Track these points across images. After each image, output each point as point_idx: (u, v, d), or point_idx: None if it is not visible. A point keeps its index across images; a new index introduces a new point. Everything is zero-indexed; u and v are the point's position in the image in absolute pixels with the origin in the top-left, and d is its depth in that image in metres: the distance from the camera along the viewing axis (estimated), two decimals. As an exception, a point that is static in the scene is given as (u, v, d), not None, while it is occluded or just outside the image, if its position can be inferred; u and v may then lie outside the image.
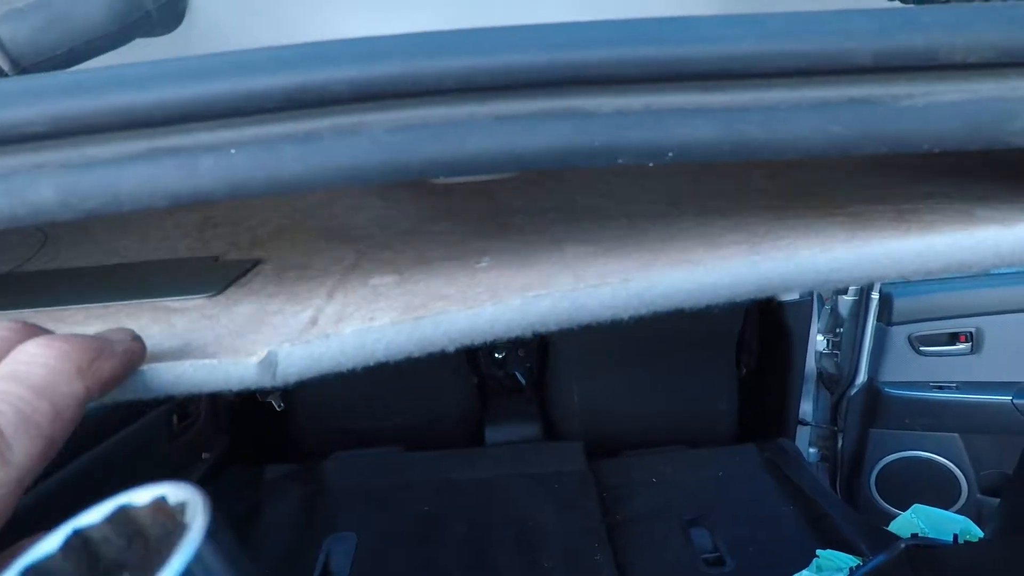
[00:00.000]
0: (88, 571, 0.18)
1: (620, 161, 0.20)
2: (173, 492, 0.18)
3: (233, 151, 0.20)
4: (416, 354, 0.22)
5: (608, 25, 0.20)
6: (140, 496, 0.18)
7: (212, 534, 0.16)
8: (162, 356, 0.23)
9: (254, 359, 0.22)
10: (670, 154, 0.20)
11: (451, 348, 0.22)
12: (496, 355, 2.50)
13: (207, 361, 0.23)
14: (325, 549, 1.25)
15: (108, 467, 1.19)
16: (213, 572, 0.16)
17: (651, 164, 0.20)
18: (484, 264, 0.28)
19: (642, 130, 0.20)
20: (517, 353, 2.64)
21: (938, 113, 0.21)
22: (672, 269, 0.23)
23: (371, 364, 0.21)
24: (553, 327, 0.22)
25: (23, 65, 0.28)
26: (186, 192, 0.20)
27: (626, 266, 0.25)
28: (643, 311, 0.23)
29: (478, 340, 0.21)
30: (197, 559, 0.15)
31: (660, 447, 1.63)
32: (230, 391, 0.23)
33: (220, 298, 0.30)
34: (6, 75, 0.29)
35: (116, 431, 1.24)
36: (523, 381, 2.44)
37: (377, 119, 0.20)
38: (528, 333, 0.22)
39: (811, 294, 1.62)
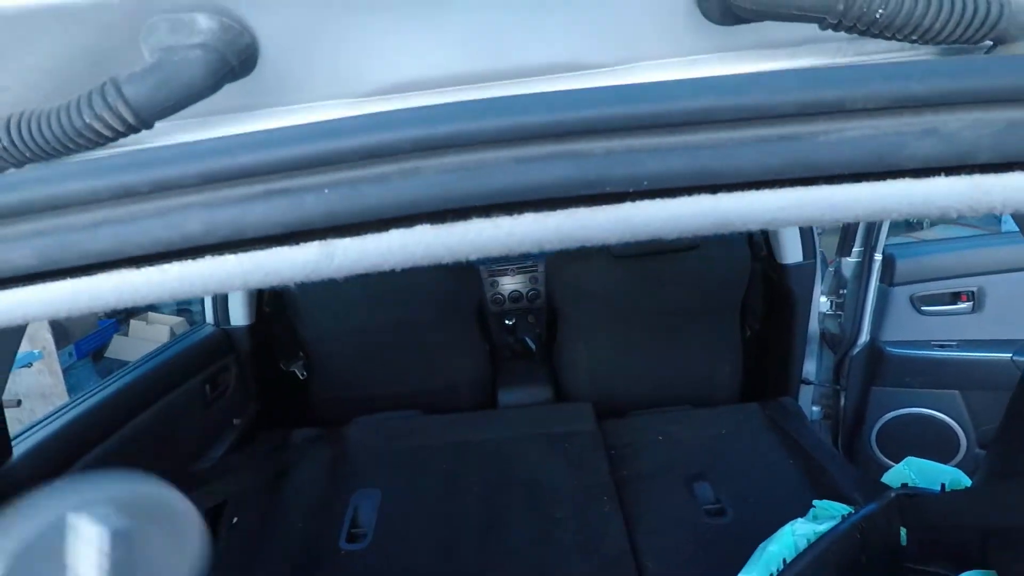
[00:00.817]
0: None
1: (608, 189, 0.26)
2: None
3: (327, 191, 0.27)
4: (446, 258, 0.27)
5: (599, 91, 0.26)
6: None
7: None
8: None
9: (314, 246, 0.27)
10: (645, 183, 0.26)
11: (474, 256, 0.27)
12: (507, 321, 2.56)
13: (274, 250, 0.29)
14: (352, 504, 1.34)
15: (150, 433, 1.28)
16: None
17: (631, 191, 0.26)
18: None
19: (624, 165, 0.26)
20: (527, 320, 2.71)
21: (848, 145, 0.26)
22: (653, 204, 0.28)
23: (408, 263, 0.27)
24: (559, 243, 0.27)
25: (143, 117, 0.35)
26: (293, 221, 0.27)
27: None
28: (630, 236, 0.28)
29: (497, 250, 0.27)
30: None
31: (666, 407, 1.69)
32: (292, 279, 0.28)
33: None
34: (135, 128, 0.35)
35: (156, 401, 1.33)
36: (533, 347, 2.51)
37: (430, 164, 0.27)
38: (537, 249, 0.27)
39: (814, 257, 1.66)
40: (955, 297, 1.57)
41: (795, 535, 1.02)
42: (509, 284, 2.71)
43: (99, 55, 0.37)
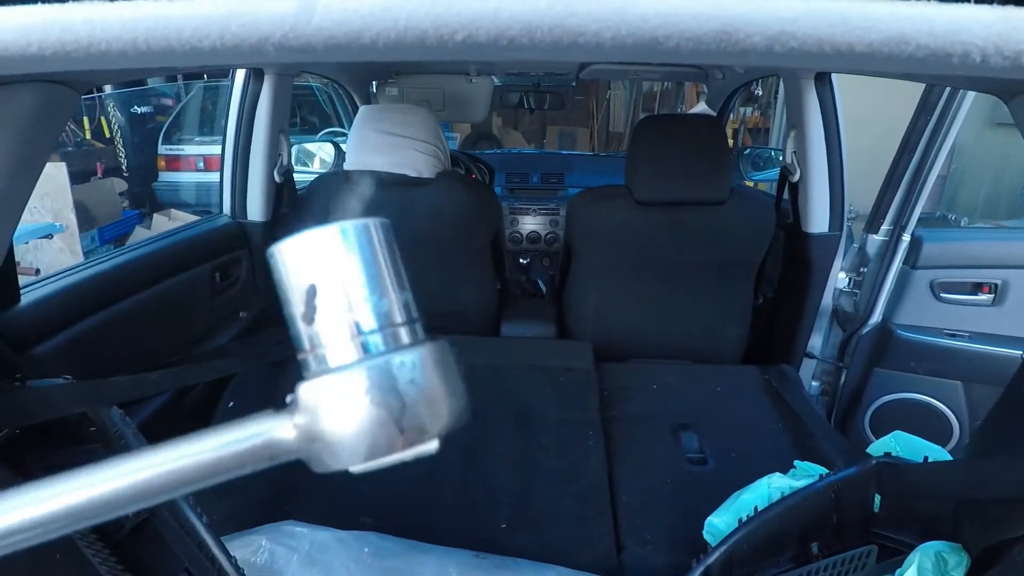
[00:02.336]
0: None
1: None
2: None
3: None
4: (430, 35, 0.25)
5: None
6: None
7: None
8: None
9: None
10: None
11: (459, 37, 0.25)
12: (521, 260, 2.56)
13: None
14: None
15: (157, 307, 1.31)
16: None
17: None
18: None
19: None
20: (542, 262, 2.70)
21: None
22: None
23: (391, 36, 0.25)
24: (547, 33, 0.25)
25: None
26: None
27: None
28: (624, 32, 0.26)
29: (483, 31, 0.25)
30: None
31: (666, 359, 1.70)
32: (268, 39, 0.26)
33: None
34: None
35: (165, 278, 1.35)
36: (543, 288, 2.51)
37: None
38: (526, 39, 0.25)
39: (840, 229, 1.62)
40: (976, 287, 1.53)
41: (770, 487, 1.04)
42: (529, 224, 2.70)
43: None
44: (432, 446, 0.22)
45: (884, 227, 1.55)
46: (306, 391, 0.21)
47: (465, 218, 1.73)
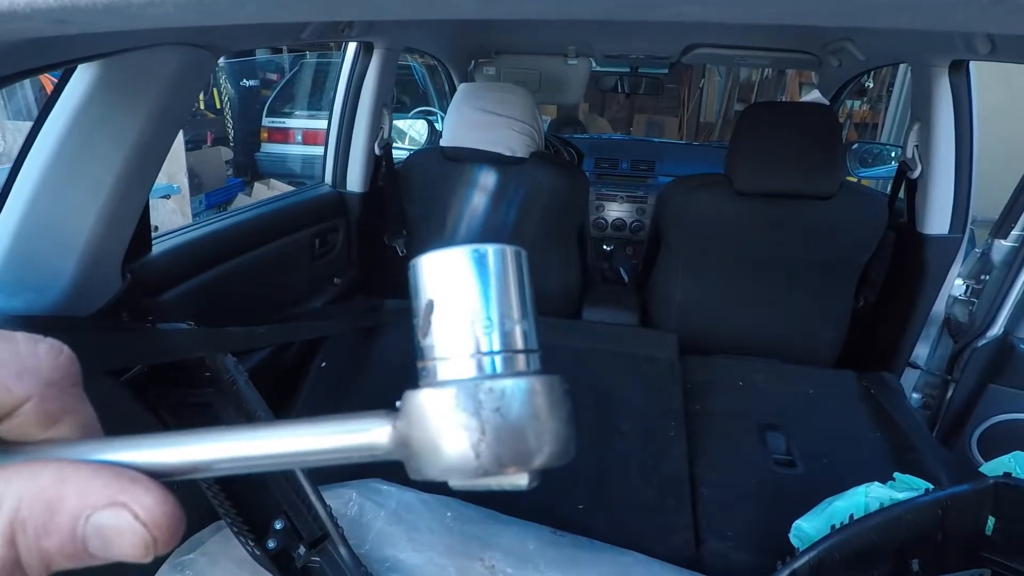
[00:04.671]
0: None
1: None
2: None
3: None
4: None
5: None
6: None
7: None
8: None
9: None
10: None
11: None
12: (605, 247, 2.53)
13: None
14: None
15: (264, 265, 1.39)
16: None
17: None
18: None
19: None
20: (625, 250, 2.66)
21: None
22: None
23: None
24: None
25: None
26: None
27: None
28: None
29: None
30: None
31: (754, 357, 1.63)
32: None
33: None
34: None
35: (271, 241, 1.43)
36: (625, 278, 2.47)
37: None
38: None
39: (962, 232, 1.50)
40: (1122, 305, 1.38)
41: (868, 496, 0.98)
42: (615, 211, 2.66)
43: None
44: (520, 481, 0.22)
45: (1015, 232, 1.42)
46: (409, 399, 0.22)
47: (556, 200, 1.73)
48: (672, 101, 7.77)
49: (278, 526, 0.82)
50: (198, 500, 0.81)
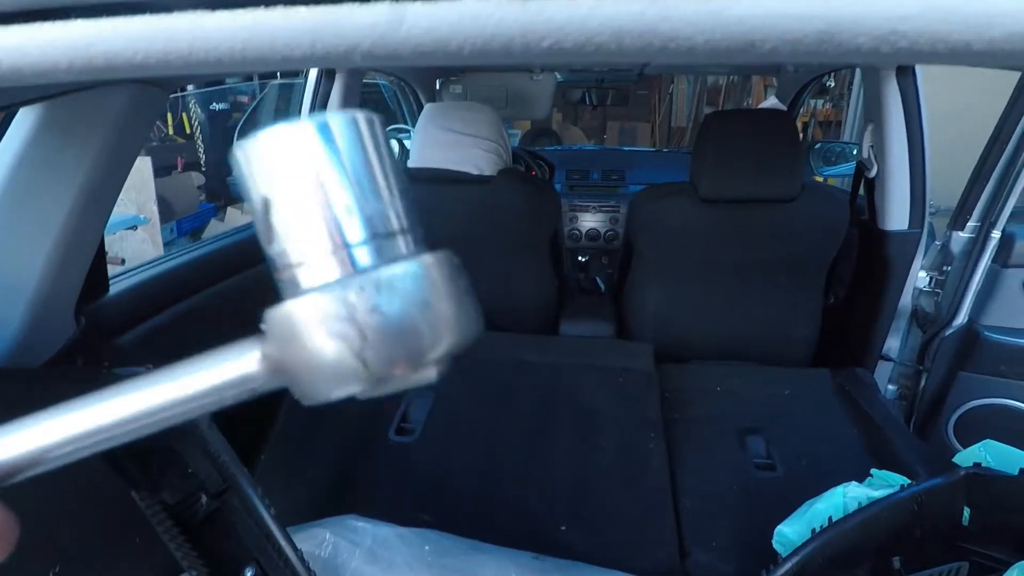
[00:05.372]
0: None
1: None
2: None
3: None
4: (516, 42, 0.25)
5: None
6: None
7: None
8: None
9: (384, 6, 0.25)
10: None
11: (546, 44, 0.24)
12: (580, 258, 2.54)
13: (344, 6, 0.25)
14: (405, 401, 1.40)
15: (227, 301, 1.37)
16: None
17: None
18: None
19: None
20: (601, 260, 2.67)
21: None
22: None
23: (477, 43, 0.25)
24: (637, 38, 0.23)
25: None
26: None
27: None
28: (719, 35, 0.23)
29: (571, 37, 0.24)
30: None
31: (730, 361, 1.64)
32: (356, 48, 0.25)
33: None
34: None
35: (235, 273, 1.41)
36: (602, 287, 2.48)
37: None
38: (615, 44, 0.24)
39: (921, 226, 1.53)
40: (1080, 288, 1.41)
41: (846, 496, 0.99)
42: (589, 221, 2.67)
43: None
44: (426, 375, 0.19)
45: (971, 223, 1.45)
46: (271, 318, 0.18)
47: (525, 215, 1.73)
48: (644, 107, 7.86)
49: (249, 574, 0.80)
50: (160, 551, 0.79)
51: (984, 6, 0.23)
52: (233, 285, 1.37)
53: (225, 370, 0.20)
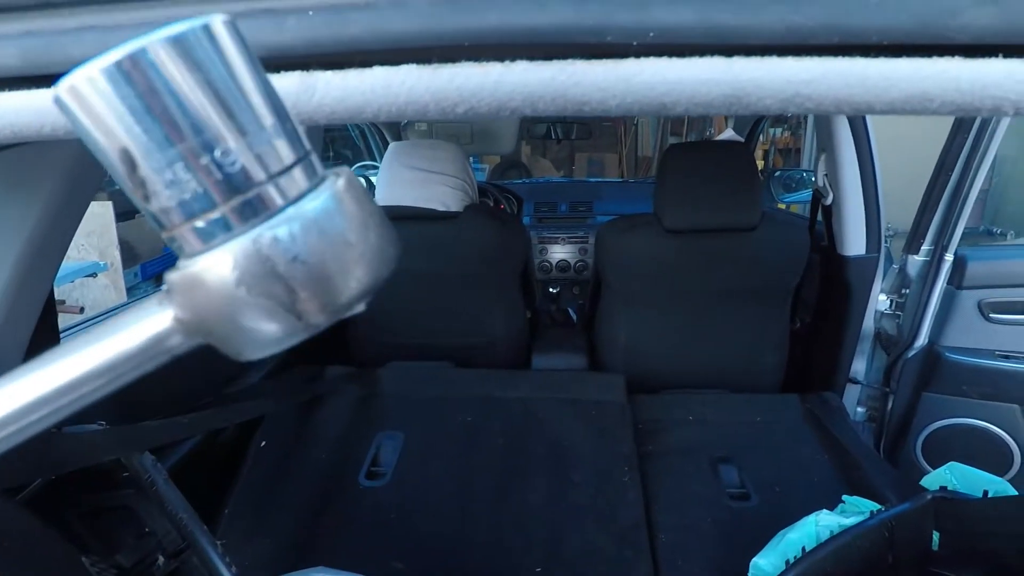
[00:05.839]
0: None
1: (608, 39, 0.24)
2: None
3: (311, 13, 0.24)
4: (431, 108, 0.25)
5: None
6: None
7: None
8: None
9: (295, 76, 0.24)
10: (651, 34, 0.23)
11: (460, 109, 0.24)
12: (551, 289, 2.55)
13: None
14: (375, 443, 1.37)
15: (184, 353, 1.33)
16: None
17: (634, 43, 0.24)
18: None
19: (630, 11, 0.23)
20: (572, 291, 2.69)
21: (889, 7, 0.23)
22: (658, 62, 0.25)
23: (392, 110, 0.25)
24: (550, 103, 0.24)
25: None
26: (275, 44, 0.25)
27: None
28: (631, 100, 0.25)
29: (484, 103, 0.24)
30: None
31: (701, 389, 1.65)
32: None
33: None
34: None
35: None
36: (574, 317, 2.48)
37: None
38: (529, 107, 0.24)
39: (878, 251, 1.57)
40: (1030, 307, 1.46)
41: (818, 525, 0.98)
42: (558, 253, 2.69)
43: None
44: (357, 309, 0.18)
45: (924, 247, 1.50)
46: (176, 282, 0.16)
47: (492, 250, 1.73)
48: (611, 138, 8.02)
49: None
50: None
51: (882, 70, 0.23)
52: None
53: (136, 333, 0.17)
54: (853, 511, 1.04)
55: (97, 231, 3.31)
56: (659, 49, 0.24)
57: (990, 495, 0.91)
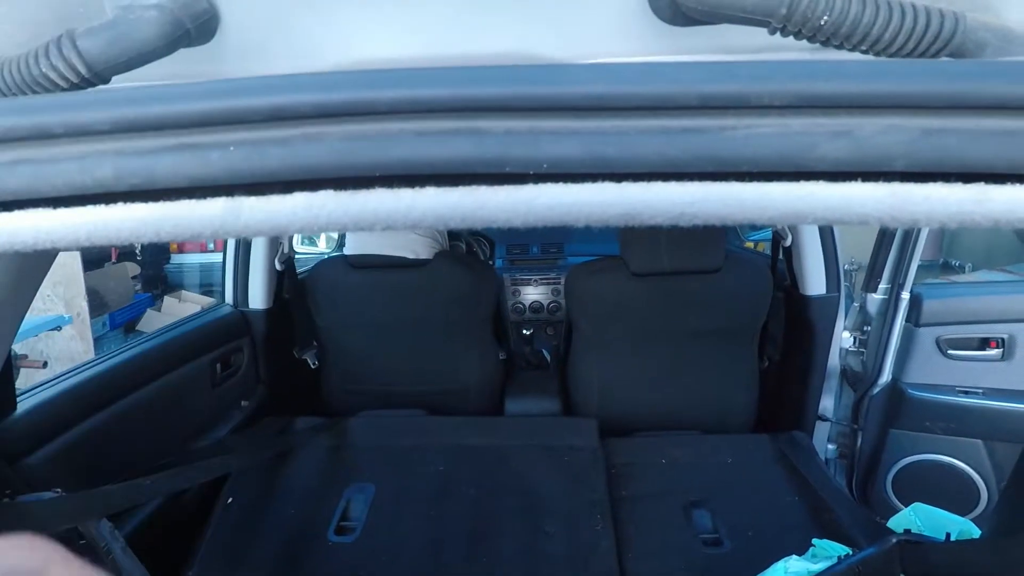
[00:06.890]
0: None
1: (507, 169, 0.26)
2: None
3: (232, 148, 0.27)
4: (351, 227, 0.27)
5: (503, 69, 0.26)
6: None
7: None
8: None
9: (220, 201, 0.27)
10: (545, 165, 0.26)
11: (378, 227, 0.27)
12: (525, 331, 2.55)
13: (183, 202, 0.28)
14: (346, 496, 1.35)
15: (154, 405, 1.31)
16: None
17: (531, 172, 0.26)
18: None
19: (524, 146, 0.26)
20: (545, 332, 2.70)
21: (755, 142, 0.25)
22: (555, 187, 0.27)
23: (315, 227, 0.27)
24: (460, 222, 0.26)
25: (97, 71, 0.37)
26: (200, 176, 0.27)
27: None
28: (533, 219, 0.27)
29: (399, 223, 0.26)
30: None
31: (674, 431, 1.66)
32: (201, 234, 0.27)
33: None
34: (89, 81, 0.37)
35: (163, 374, 1.35)
36: (548, 358, 2.49)
37: (332, 131, 0.27)
38: (442, 224, 0.27)
39: (838, 290, 1.61)
40: (984, 343, 1.50)
41: (787, 572, 0.99)
42: (531, 294, 2.71)
43: (71, 11, 0.39)
44: None
45: (882, 285, 1.54)
46: None
47: (463, 296, 1.74)
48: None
49: None
50: None
51: (756, 194, 0.26)
52: (154, 391, 1.31)
53: None
54: (822, 555, 1.05)
55: (63, 281, 3.26)
56: (554, 177, 0.26)
57: (953, 537, 0.93)
